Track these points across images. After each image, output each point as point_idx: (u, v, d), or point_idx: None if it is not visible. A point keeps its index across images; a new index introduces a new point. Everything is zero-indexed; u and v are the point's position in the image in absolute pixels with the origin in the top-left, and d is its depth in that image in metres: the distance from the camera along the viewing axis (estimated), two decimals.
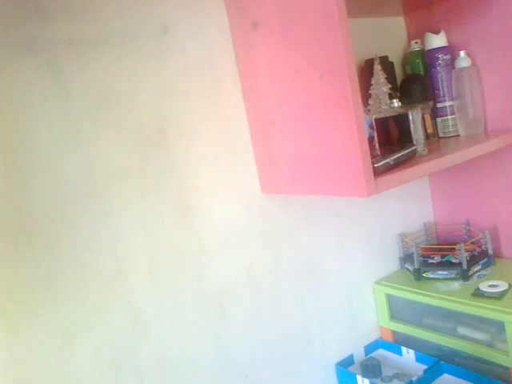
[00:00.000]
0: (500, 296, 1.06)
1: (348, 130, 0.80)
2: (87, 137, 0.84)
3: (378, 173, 0.85)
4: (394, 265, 1.34)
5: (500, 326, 1.02)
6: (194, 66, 0.96)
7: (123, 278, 0.88)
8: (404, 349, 1.21)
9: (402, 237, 1.33)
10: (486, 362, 1.06)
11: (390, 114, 1.00)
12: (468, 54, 1.14)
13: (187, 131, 0.95)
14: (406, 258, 1.32)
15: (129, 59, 0.88)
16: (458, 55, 1.13)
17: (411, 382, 1.08)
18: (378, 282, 1.28)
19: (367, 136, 0.85)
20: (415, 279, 1.24)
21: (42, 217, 0.80)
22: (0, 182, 0.76)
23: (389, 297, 1.25)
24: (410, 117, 0.98)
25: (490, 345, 1.05)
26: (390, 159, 0.88)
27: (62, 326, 0.81)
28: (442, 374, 1.12)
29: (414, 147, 0.96)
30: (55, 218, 0.81)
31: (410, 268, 1.28)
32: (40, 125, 0.79)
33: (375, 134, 0.98)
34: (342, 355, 1.21)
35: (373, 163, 0.83)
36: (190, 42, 0.96)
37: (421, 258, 1.24)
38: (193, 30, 0.96)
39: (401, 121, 1.00)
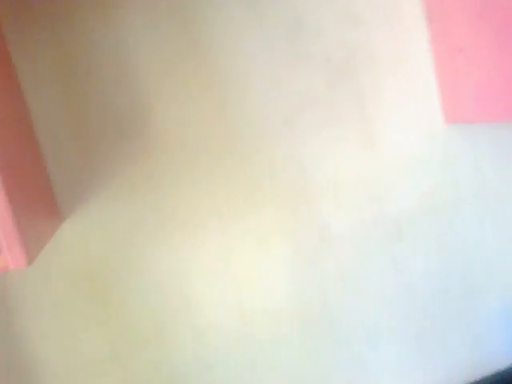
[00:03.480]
0: None
1: None
2: (279, 65, 0.92)
3: None
4: None
5: None
6: None
7: (310, 196, 0.97)
8: None
9: None
10: None
11: None
12: None
13: (371, 60, 0.98)
14: None
15: None
16: None
17: None
18: None
19: None
20: None
21: (246, 140, 0.93)
22: (215, 108, 0.90)
23: None
24: None
25: None
26: None
27: (258, 229, 0.95)
28: None
29: None
30: (254, 136, 0.93)
31: None
32: (237, 54, 0.91)
33: None
34: None
35: None
36: None
37: None
38: None
39: None
